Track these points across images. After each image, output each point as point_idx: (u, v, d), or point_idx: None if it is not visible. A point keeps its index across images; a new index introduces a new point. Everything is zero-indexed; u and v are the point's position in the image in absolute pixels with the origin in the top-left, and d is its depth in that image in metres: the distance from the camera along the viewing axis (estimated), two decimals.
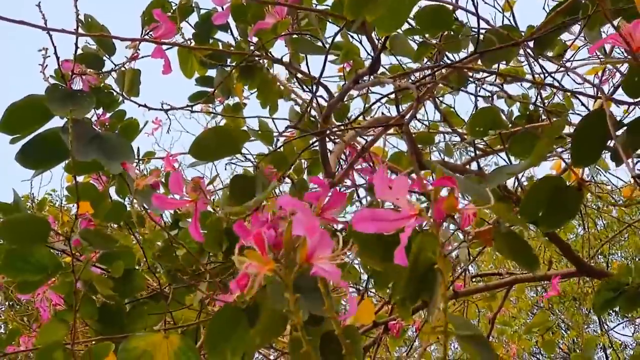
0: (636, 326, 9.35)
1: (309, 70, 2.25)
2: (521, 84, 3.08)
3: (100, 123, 2.59)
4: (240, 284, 0.93)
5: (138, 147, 2.57)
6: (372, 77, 1.87)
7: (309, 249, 0.90)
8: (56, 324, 1.86)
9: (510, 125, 2.92)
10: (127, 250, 1.91)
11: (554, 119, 2.57)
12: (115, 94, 2.27)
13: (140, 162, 3.08)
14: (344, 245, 0.91)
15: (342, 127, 2.08)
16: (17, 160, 1.51)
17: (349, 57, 2.18)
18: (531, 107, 2.85)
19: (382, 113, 2.51)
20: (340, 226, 1.45)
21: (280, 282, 1.32)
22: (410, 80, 2.18)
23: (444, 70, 2.25)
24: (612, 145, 1.40)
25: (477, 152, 2.55)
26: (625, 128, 1.43)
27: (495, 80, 2.43)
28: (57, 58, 1.69)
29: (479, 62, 2.10)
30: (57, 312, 1.92)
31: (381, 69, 2.16)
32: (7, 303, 7.99)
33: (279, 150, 1.87)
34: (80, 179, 2.07)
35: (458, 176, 1.09)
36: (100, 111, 2.61)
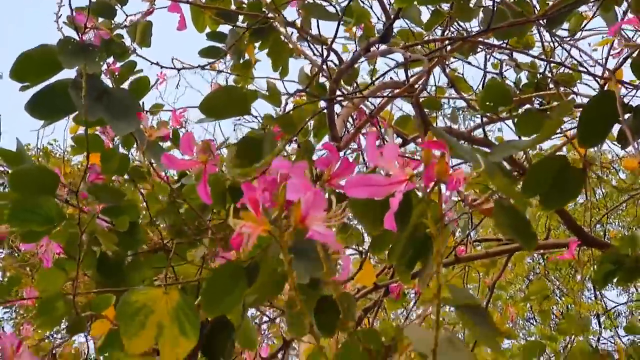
0: (630, 294, 9.42)
1: (319, 34, 2.24)
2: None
3: (110, 72, 2.60)
4: (234, 243, 0.94)
5: (143, 101, 2.58)
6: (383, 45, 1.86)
7: (303, 209, 0.90)
8: (55, 272, 1.88)
9: (518, 92, 2.93)
10: (132, 204, 1.92)
11: (562, 90, 2.57)
12: (126, 45, 2.27)
13: (148, 114, 3.09)
14: (338, 207, 0.91)
15: (352, 93, 2.07)
16: (27, 110, 1.51)
17: (360, 21, 2.17)
18: (539, 75, 2.85)
19: (390, 77, 2.51)
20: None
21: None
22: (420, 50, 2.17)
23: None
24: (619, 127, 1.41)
25: (483, 119, 2.55)
26: (633, 111, 1.43)
27: (504, 48, 2.42)
28: (71, 9, 1.68)
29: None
30: (57, 260, 1.94)
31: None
32: (6, 251, 8.01)
33: (288, 113, 1.86)
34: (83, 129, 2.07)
35: (454, 140, 1.09)
36: (110, 60, 2.61)
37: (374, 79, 2.37)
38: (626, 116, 1.42)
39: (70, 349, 3.32)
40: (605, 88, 2.62)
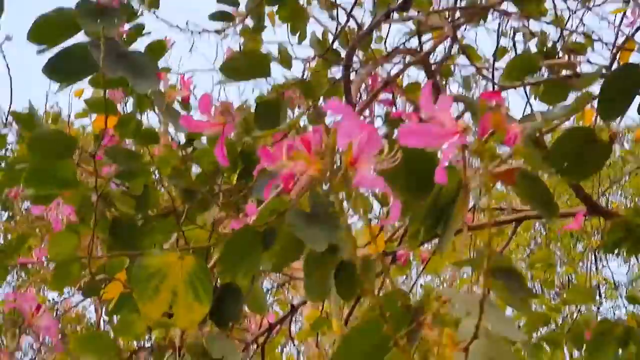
0: (630, 266, 9.44)
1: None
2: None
3: (119, 34, 2.58)
4: (284, 185, 0.92)
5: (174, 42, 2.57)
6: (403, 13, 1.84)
7: (356, 150, 0.88)
8: (68, 235, 1.88)
9: None
10: (144, 168, 1.92)
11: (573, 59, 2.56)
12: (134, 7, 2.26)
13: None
14: (391, 149, 0.89)
15: (368, 58, 2.06)
16: (45, 72, 1.50)
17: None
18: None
19: (403, 44, 2.49)
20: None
21: (299, 209, 1.34)
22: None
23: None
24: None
25: (495, 87, 2.54)
26: None
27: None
28: None
29: None
30: (69, 224, 1.94)
31: None
32: (6, 213, 8.04)
33: (306, 79, 1.85)
34: (90, 93, 2.06)
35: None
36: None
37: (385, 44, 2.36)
38: None
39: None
40: (618, 58, 2.62)
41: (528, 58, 1.68)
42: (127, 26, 2.60)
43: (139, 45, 2.61)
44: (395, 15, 1.98)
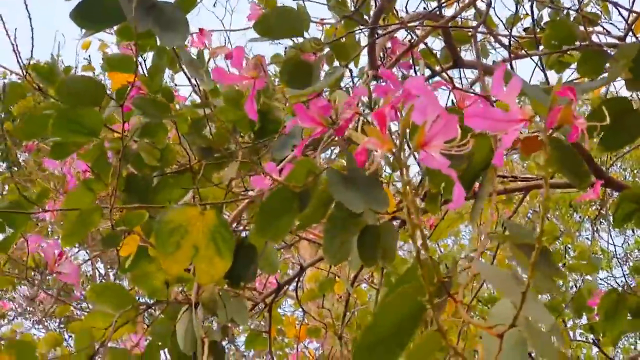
0: (626, 237, 9.48)
1: None
2: None
3: None
4: (359, 159, 0.92)
5: None
6: None
7: (429, 133, 0.88)
8: (84, 191, 1.89)
9: (539, 30, 2.91)
10: (161, 124, 1.92)
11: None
12: None
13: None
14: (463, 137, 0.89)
15: (395, 24, 2.05)
16: (72, 17, 1.48)
17: None
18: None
19: (424, 8, 2.48)
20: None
21: (336, 170, 1.34)
22: None
23: None
24: None
25: (511, 55, 2.53)
26: None
27: None
28: None
29: None
30: (85, 180, 1.94)
31: None
32: (7, 165, 8.03)
33: (340, 39, 1.84)
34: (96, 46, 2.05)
35: (524, 81, 1.08)
36: None
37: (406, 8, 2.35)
38: None
39: None
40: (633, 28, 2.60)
41: (566, 25, 1.67)
42: None
43: None
44: None
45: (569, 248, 7.67)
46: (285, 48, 2.29)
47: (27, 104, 2.99)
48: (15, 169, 7.57)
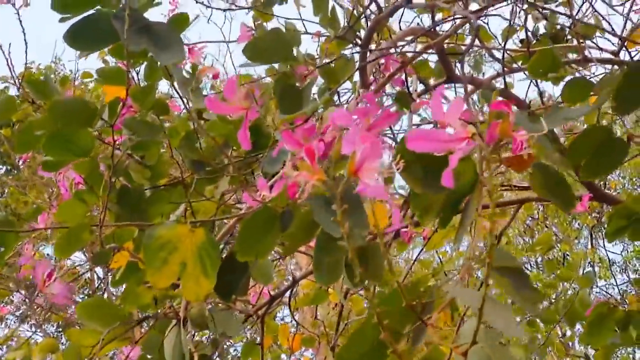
0: (625, 244, 9.48)
1: None
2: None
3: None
4: (290, 191, 0.94)
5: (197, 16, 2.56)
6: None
7: (359, 159, 0.90)
8: (76, 203, 1.90)
9: (535, 42, 2.92)
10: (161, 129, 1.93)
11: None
12: None
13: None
14: (392, 160, 0.91)
15: (387, 45, 2.05)
16: (66, 40, 1.49)
17: None
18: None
19: (418, 23, 2.49)
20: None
21: (320, 193, 1.34)
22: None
23: None
24: None
25: (504, 69, 2.54)
26: None
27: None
28: None
29: None
30: (77, 192, 1.95)
31: None
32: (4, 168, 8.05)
33: (329, 63, 1.85)
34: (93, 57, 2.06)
35: (513, 108, 1.09)
36: None
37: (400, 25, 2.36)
38: None
39: None
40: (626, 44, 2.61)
41: (552, 55, 1.68)
42: None
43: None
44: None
45: (567, 255, 7.71)
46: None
47: (25, 111, 3.01)
48: (15, 171, 7.59)
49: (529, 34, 2.92)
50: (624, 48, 2.48)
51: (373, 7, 2.06)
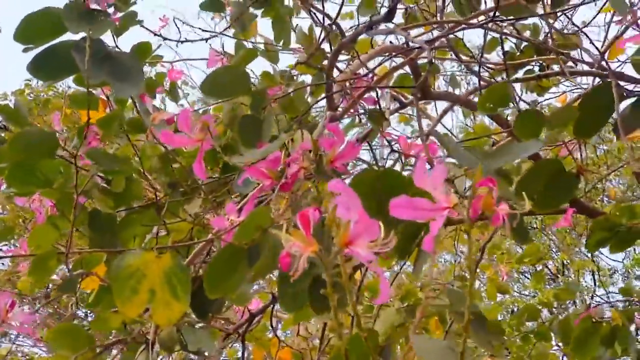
0: (626, 252, 9.43)
1: (323, 7, 2.22)
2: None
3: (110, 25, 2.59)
4: (283, 262, 0.93)
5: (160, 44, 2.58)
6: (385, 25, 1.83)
7: (353, 234, 0.90)
8: (48, 228, 1.90)
9: (518, 54, 2.92)
10: (126, 160, 1.93)
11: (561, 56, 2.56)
12: None
13: (147, 65, 3.08)
14: (386, 235, 0.90)
15: (357, 65, 2.06)
16: (29, 70, 1.51)
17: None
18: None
19: (390, 42, 2.49)
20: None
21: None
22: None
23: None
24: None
25: (481, 83, 2.54)
26: (631, 103, 1.44)
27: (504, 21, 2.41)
28: None
29: None
30: (49, 217, 1.95)
31: None
32: None
33: (288, 94, 1.85)
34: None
35: (453, 144, 1.10)
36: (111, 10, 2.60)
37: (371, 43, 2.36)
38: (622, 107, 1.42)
39: None
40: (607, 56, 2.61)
41: (501, 89, 1.68)
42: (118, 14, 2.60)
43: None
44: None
45: (567, 264, 7.69)
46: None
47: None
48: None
49: (514, 45, 2.93)
50: (603, 60, 2.48)
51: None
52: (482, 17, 2.32)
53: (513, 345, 3.85)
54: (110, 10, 2.64)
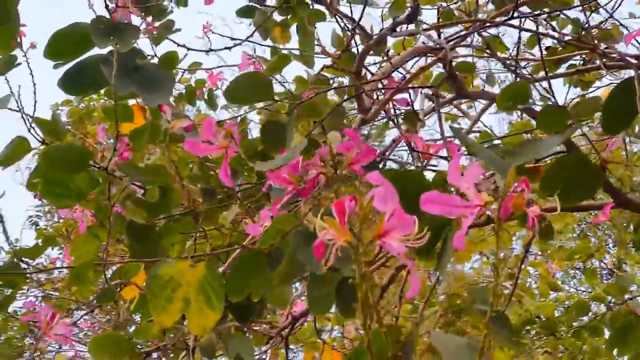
0: None
1: (351, 12, 2.22)
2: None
3: (148, 32, 2.62)
4: (316, 252, 0.93)
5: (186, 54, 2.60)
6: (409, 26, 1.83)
7: (387, 227, 0.90)
8: (88, 239, 1.93)
9: (560, 48, 2.89)
10: (160, 170, 1.95)
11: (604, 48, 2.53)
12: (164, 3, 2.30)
13: (187, 72, 3.12)
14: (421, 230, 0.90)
15: (388, 67, 2.06)
16: (60, 86, 1.54)
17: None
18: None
19: (423, 42, 2.48)
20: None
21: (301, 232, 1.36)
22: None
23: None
24: None
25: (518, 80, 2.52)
26: None
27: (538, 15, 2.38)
28: None
29: None
30: (89, 227, 1.99)
31: None
32: None
33: (311, 99, 1.86)
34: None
35: (478, 146, 1.09)
36: (150, 19, 2.63)
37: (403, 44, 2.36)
38: None
39: None
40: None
41: (520, 87, 1.66)
42: (156, 23, 2.64)
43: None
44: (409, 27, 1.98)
45: (622, 259, 7.55)
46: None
47: None
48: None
49: (555, 41, 2.90)
50: None
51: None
52: (515, 15, 2.30)
53: (566, 341, 3.81)
54: (149, 19, 2.69)
